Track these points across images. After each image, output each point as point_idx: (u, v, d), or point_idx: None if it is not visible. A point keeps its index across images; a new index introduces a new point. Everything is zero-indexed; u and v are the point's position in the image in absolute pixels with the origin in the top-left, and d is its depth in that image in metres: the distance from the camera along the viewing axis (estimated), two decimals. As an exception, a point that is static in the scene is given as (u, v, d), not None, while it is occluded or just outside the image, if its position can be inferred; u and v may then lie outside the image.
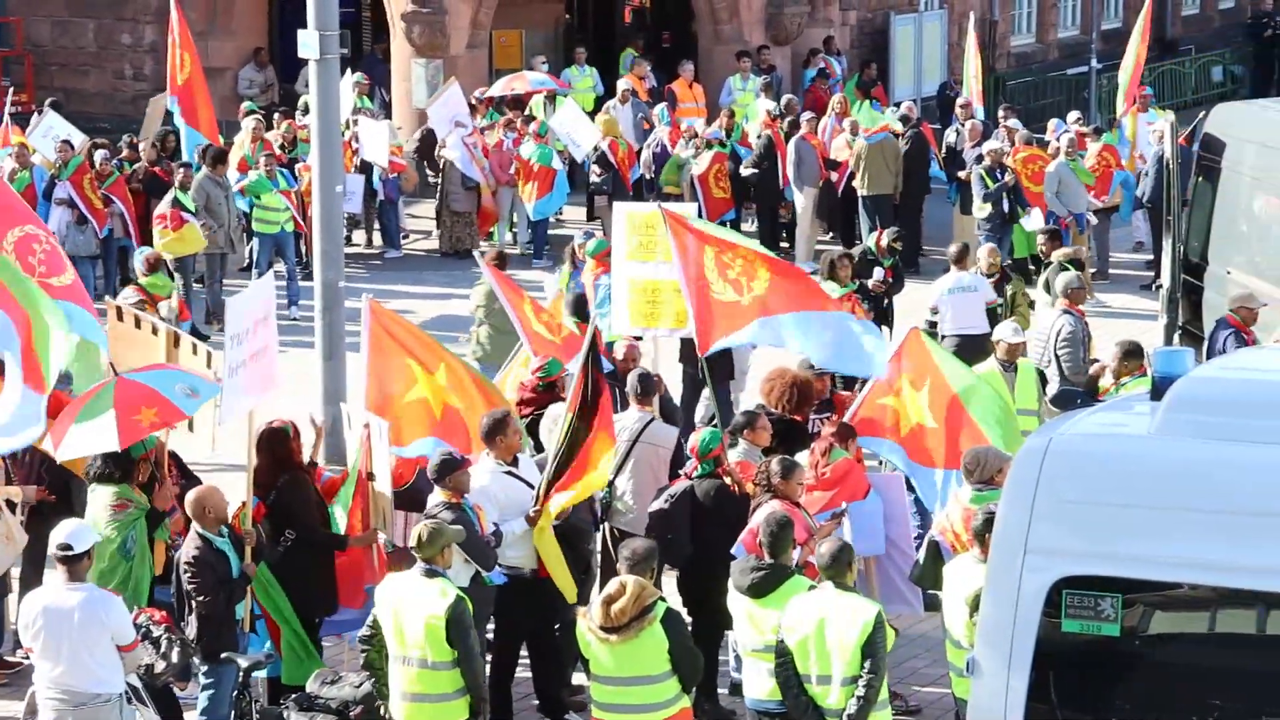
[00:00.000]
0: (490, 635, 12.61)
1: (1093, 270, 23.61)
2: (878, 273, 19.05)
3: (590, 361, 12.14)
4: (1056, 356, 16.64)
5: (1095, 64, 33.66)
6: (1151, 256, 24.01)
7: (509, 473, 12.49)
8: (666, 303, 14.74)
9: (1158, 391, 8.39)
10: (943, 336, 17.98)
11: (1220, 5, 40.60)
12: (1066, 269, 18.30)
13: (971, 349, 16.94)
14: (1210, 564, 7.97)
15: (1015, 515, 8.28)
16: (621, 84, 27.88)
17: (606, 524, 13.40)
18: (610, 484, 13.06)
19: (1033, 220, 23.00)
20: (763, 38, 30.73)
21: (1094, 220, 24.07)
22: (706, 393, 16.64)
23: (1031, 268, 18.71)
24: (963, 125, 25.66)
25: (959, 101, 27.17)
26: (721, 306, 14.00)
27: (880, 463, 14.11)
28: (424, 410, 13.05)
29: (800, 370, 14.22)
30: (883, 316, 18.66)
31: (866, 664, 10.41)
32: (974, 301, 18.36)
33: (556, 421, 12.62)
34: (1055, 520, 8.19)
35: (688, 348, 16.65)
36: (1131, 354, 14.84)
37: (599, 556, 13.41)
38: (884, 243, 19.54)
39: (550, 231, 25.80)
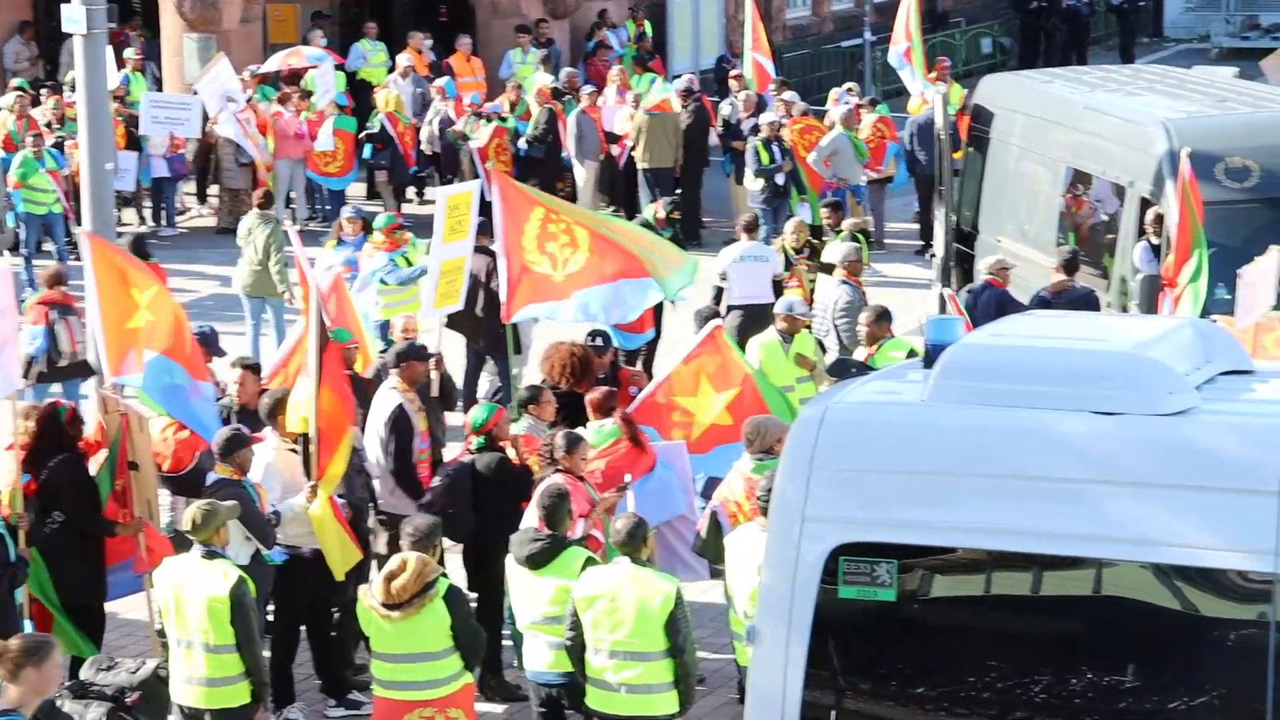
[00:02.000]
0: (270, 616, 12.51)
1: (871, 239, 23.95)
2: (659, 245, 19.13)
3: (319, 325, 12.13)
4: (836, 326, 16.84)
5: (869, 36, 34.08)
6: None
7: (292, 449, 12.41)
8: (458, 280, 14.72)
9: (929, 359, 8.51)
10: (730, 305, 18.13)
11: (988, -22, 41.36)
12: (856, 239, 18.54)
13: (756, 318, 17.09)
14: (984, 528, 8.08)
15: (792, 484, 8.34)
16: (401, 59, 27.67)
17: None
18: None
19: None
20: (541, 11, 30.67)
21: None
22: (490, 367, 16.65)
23: (814, 240, 18.88)
24: (736, 97, 25.83)
25: (732, 73, 27.35)
26: (534, 278, 14.04)
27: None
28: (150, 333, 12.91)
29: (578, 343, 14.27)
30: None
31: (676, 640, 10.51)
32: (762, 271, 18.52)
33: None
34: (832, 488, 8.26)
35: (471, 322, 16.62)
36: (881, 318, 15.08)
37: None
38: (661, 214, 19.64)
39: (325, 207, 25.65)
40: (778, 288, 18.36)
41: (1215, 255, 15.00)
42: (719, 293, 18.29)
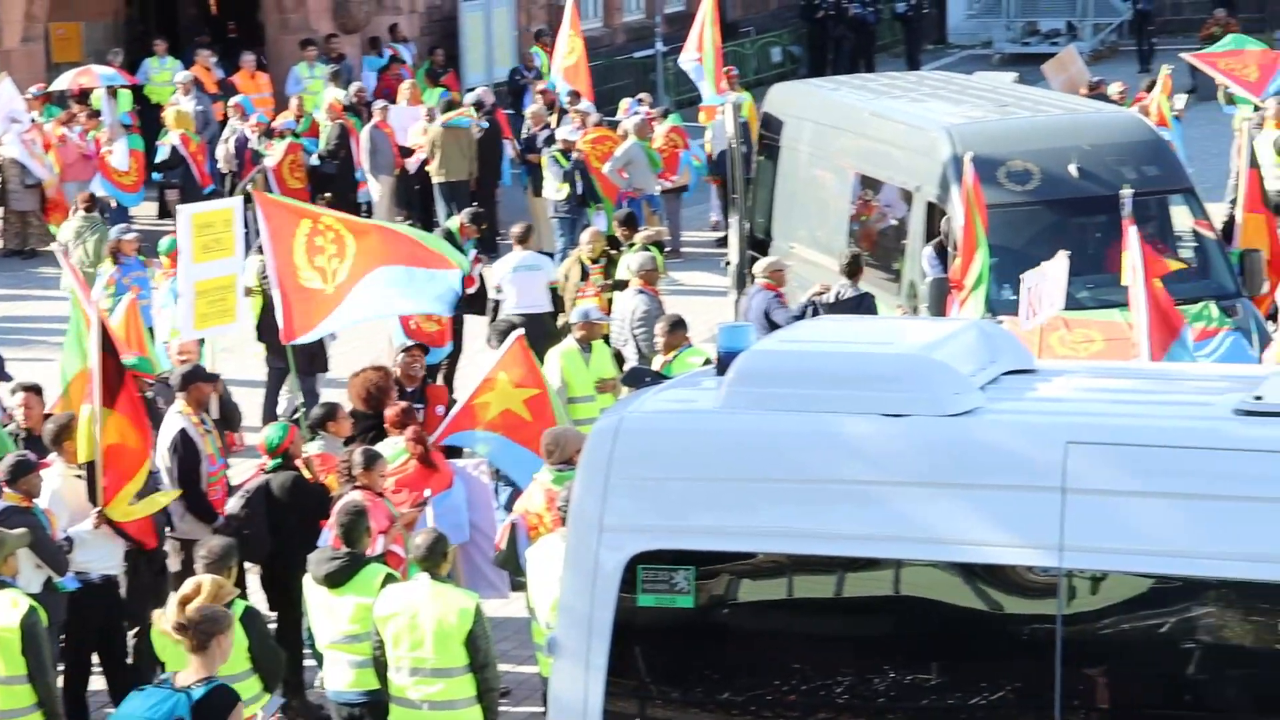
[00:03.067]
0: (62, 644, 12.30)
1: (667, 249, 24.09)
2: (470, 256, 19.08)
3: (105, 349, 11.97)
4: (634, 336, 16.92)
5: (661, 47, 34.28)
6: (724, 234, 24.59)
7: (78, 475, 12.21)
8: (230, 299, 14.54)
9: (722, 366, 8.59)
10: (507, 316, 18.13)
11: (776, -13, 41.83)
12: (648, 250, 18.63)
13: (535, 327, 17.10)
14: (780, 532, 8.16)
15: (589, 494, 8.36)
16: (181, 76, 27.25)
17: None
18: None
19: None
20: (331, 26, 30.47)
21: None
22: (289, 385, 16.48)
23: (612, 250, 18.94)
24: (533, 110, 25.86)
25: (539, 87, 27.33)
26: (307, 294, 13.92)
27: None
28: None
29: (381, 367, 14.25)
30: (475, 301, 18.56)
31: (477, 656, 10.49)
32: (538, 280, 18.55)
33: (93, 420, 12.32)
34: (629, 497, 8.30)
35: (272, 340, 16.46)
36: (677, 326, 15.17)
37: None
38: (466, 224, 19.57)
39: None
40: (556, 297, 18.41)
41: (1000, 257, 15.29)
42: (496, 305, 18.30)
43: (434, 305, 14.87)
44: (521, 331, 14.46)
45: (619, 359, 16.44)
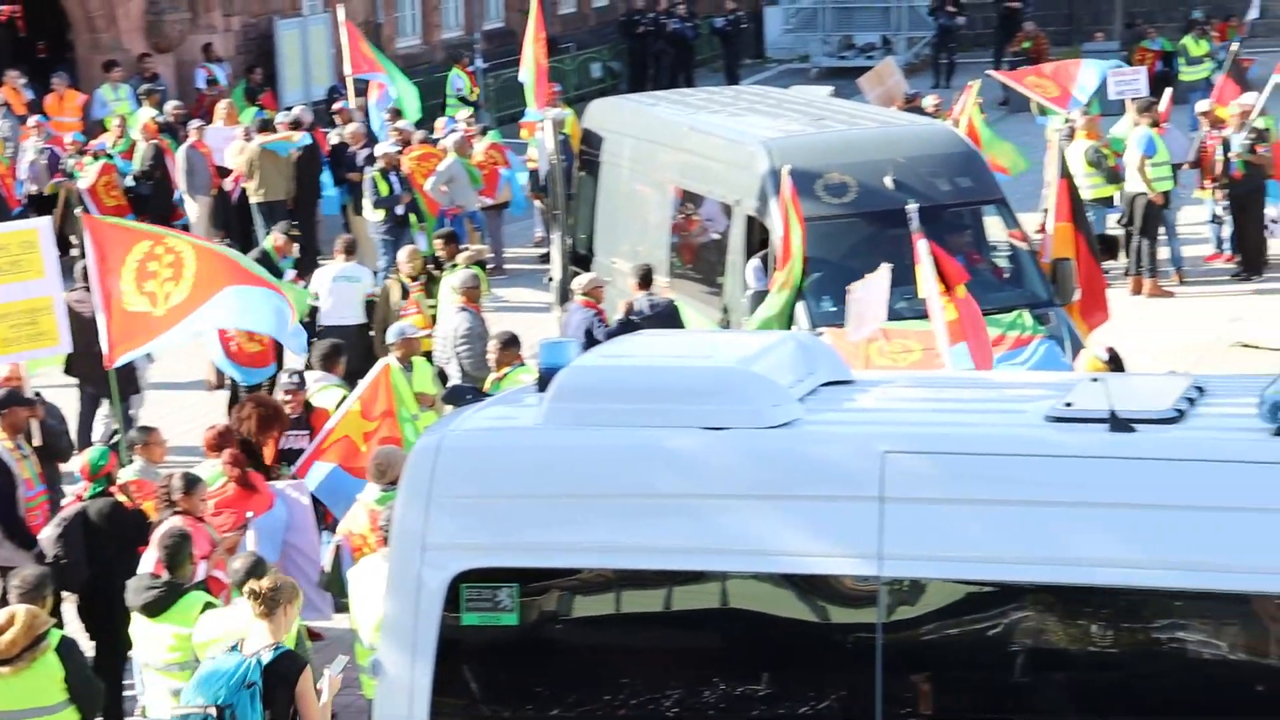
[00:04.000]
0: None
1: (490, 265, 24.05)
2: (288, 275, 18.90)
3: None
4: (457, 354, 16.86)
5: (481, 63, 34.22)
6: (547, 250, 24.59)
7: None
8: (43, 321, 14.27)
9: (543, 383, 8.59)
10: (321, 325, 18.01)
11: (595, 3, 41.90)
12: (470, 268, 18.58)
13: (347, 338, 17.01)
14: (604, 547, 8.17)
15: (411, 513, 8.33)
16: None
17: None
18: None
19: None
20: (144, 45, 30.06)
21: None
22: (105, 410, 16.24)
23: (434, 269, 18.88)
24: (344, 129, 25.67)
25: (353, 105, 27.16)
26: (130, 319, 13.72)
27: None
28: None
29: (264, 395, 14.16)
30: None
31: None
32: (354, 292, 18.47)
33: None
34: (451, 516, 8.27)
35: (85, 364, 16.19)
36: (509, 344, 15.16)
37: None
38: (280, 241, 19.39)
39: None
40: (370, 310, 18.35)
41: (819, 269, 15.42)
42: (314, 312, 18.20)
43: (270, 326, 14.62)
44: (389, 360, 14.37)
45: (443, 377, 16.37)
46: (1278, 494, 7.52)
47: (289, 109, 27.72)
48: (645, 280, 16.75)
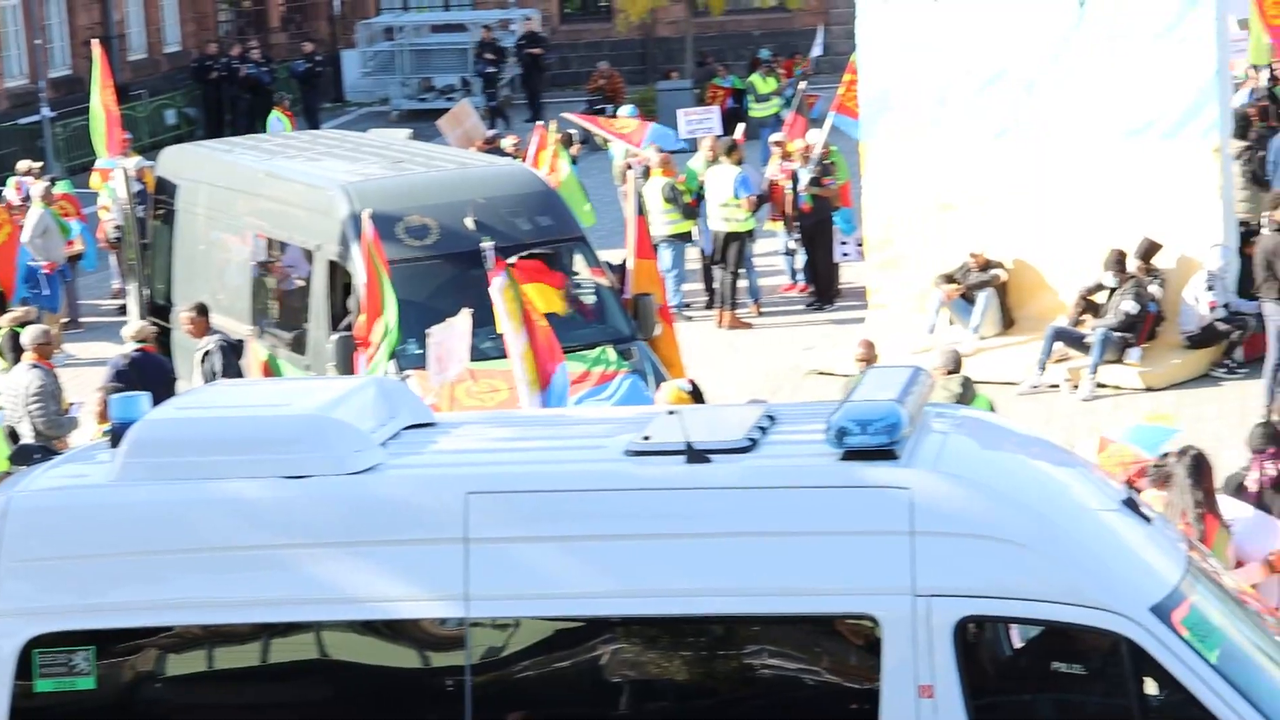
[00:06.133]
0: None
1: (65, 320, 23.33)
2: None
3: None
4: (29, 413, 16.29)
5: (48, 112, 33.26)
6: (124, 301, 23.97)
7: None
8: None
9: (115, 438, 8.37)
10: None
11: (166, 49, 41.13)
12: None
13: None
14: (187, 604, 8.02)
15: (-20, 579, 8.02)
16: None
17: None
18: None
19: None
20: None
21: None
22: None
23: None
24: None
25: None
26: None
27: None
28: None
29: None
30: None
31: None
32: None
33: None
34: (22, 580, 8.01)
35: None
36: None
37: None
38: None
39: None
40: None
41: (404, 312, 15.37)
42: None
43: None
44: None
45: (14, 437, 15.79)
46: (847, 517, 7.74)
47: None
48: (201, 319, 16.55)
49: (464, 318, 14.08)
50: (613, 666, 7.87)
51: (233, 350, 16.61)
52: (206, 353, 16.49)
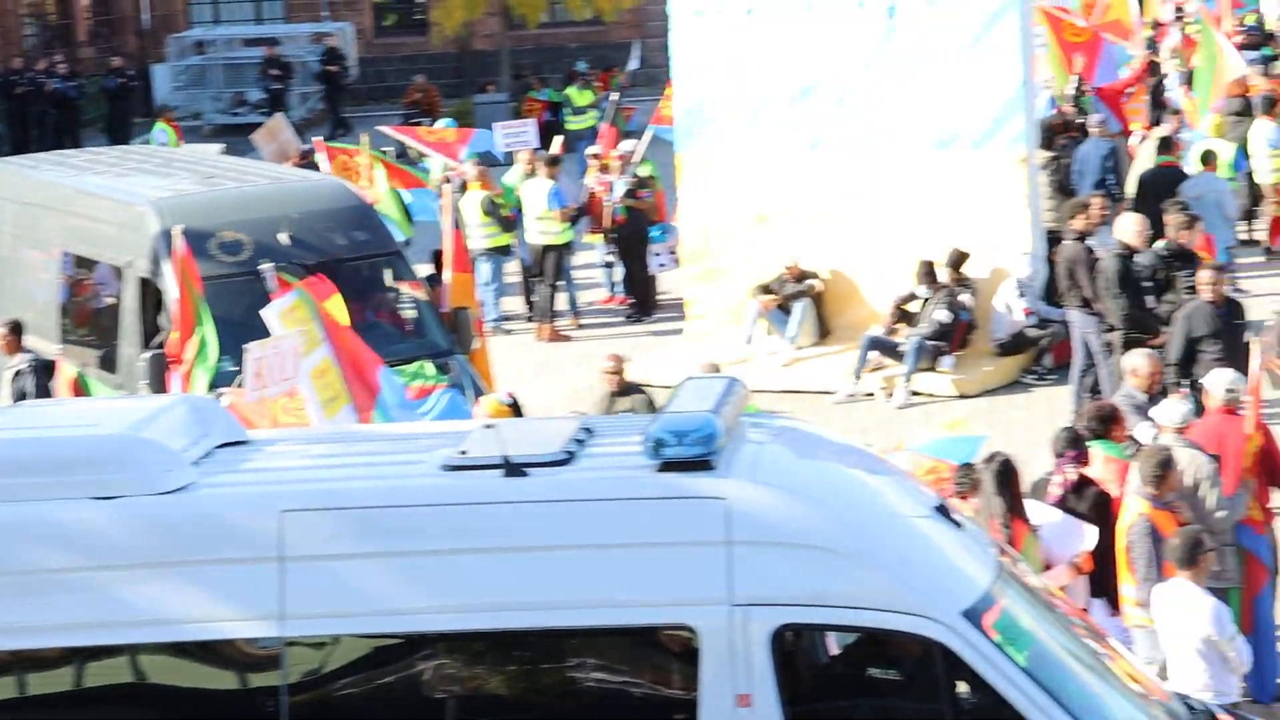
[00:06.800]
0: None
1: None
2: None
3: None
4: None
5: None
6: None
7: None
8: None
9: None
10: None
11: (-29, 65, 40.39)
12: None
13: None
14: (-5, 629, 7.86)
15: None
16: None
17: None
18: None
19: None
20: None
21: None
22: None
23: None
24: None
25: None
26: None
27: None
28: None
29: None
30: None
31: None
32: None
33: None
34: None
35: None
36: None
37: None
38: None
39: None
40: None
41: (220, 329, 15.20)
42: None
43: None
44: None
45: None
46: (664, 528, 7.78)
47: None
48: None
49: (293, 335, 13.95)
50: (434, 682, 7.84)
51: (45, 371, 16.34)
52: (18, 372, 16.21)
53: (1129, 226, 16.73)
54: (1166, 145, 21.05)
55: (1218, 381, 12.19)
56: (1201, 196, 19.65)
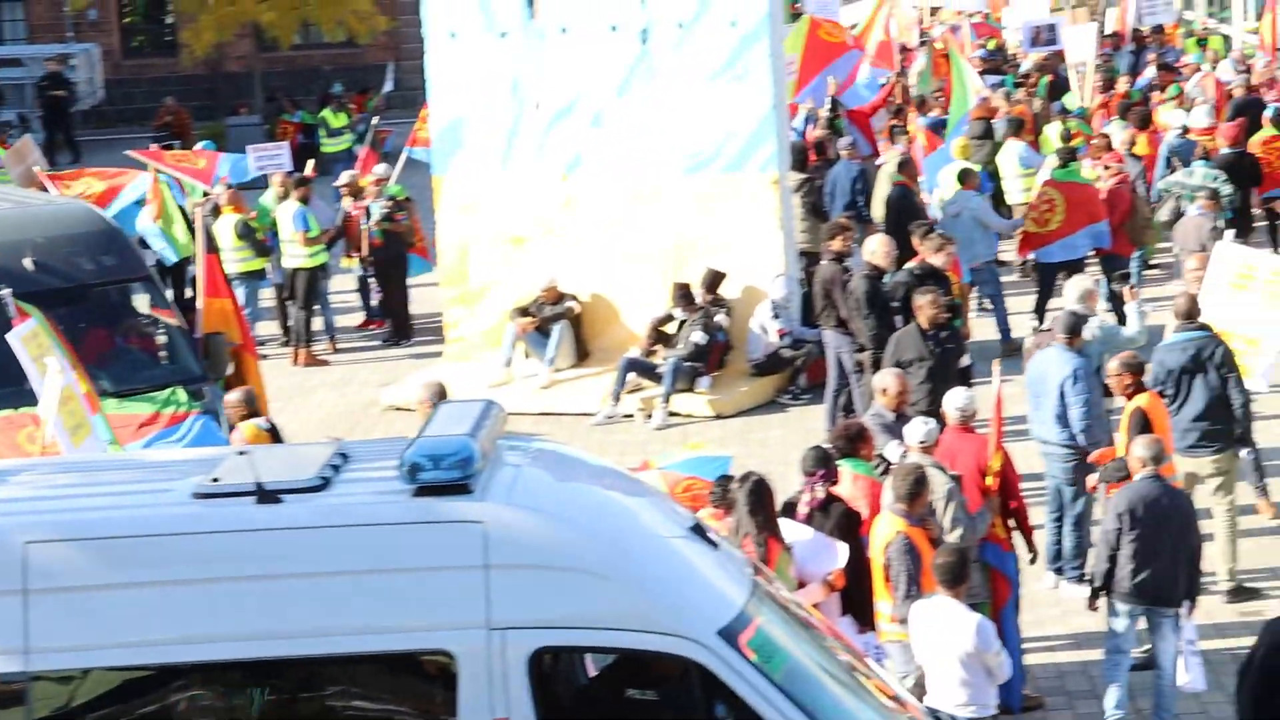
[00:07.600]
0: None
1: None
2: None
3: None
4: None
5: None
6: None
7: None
8: None
9: None
10: None
11: None
12: None
13: None
14: None
15: None
16: None
17: None
18: None
19: None
20: None
21: None
22: None
23: None
24: None
25: None
26: None
27: None
28: None
29: None
30: None
31: None
32: None
33: None
34: None
35: None
36: None
37: None
38: None
39: None
40: None
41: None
42: None
43: None
44: None
45: None
46: (421, 553, 7.73)
47: None
48: None
49: (53, 363, 13.63)
50: (189, 715, 7.72)
51: None
52: None
53: (876, 248, 17.03)
54: (904, 166, 21.45)
55: (951, 401, 12.49)
56: (960, 214, 20.07)
